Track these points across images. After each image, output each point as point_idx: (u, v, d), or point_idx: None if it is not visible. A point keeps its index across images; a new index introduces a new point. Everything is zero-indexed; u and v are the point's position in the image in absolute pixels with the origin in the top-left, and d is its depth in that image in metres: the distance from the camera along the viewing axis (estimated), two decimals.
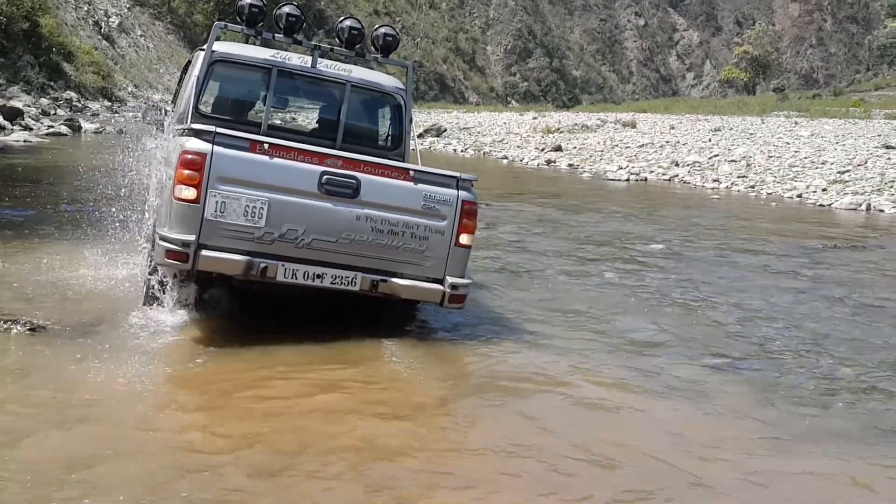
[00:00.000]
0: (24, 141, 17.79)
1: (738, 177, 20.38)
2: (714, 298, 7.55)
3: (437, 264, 5.26)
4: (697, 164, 22.59)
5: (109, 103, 34.63)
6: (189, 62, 6.75)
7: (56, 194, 10.92)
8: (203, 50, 6.05)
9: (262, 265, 4.90)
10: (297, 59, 6.15)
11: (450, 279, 5.26)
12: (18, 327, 4.75)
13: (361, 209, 5.07)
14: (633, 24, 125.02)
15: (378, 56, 6.40)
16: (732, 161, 22.54)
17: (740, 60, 77.58)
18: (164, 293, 5.32)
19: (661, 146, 26.66)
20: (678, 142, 27.35)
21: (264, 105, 6.17)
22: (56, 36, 32.27)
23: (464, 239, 5.30)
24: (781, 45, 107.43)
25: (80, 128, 21.88)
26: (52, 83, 29.79)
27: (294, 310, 5.58)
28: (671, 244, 10.57)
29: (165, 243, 4.84)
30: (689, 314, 6.96)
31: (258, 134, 5.58)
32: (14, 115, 20.45)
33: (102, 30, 44.26)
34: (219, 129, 4.93)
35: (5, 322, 4.77)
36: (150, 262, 5.40)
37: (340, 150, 5.55)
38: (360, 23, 6.24)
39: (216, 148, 4.84)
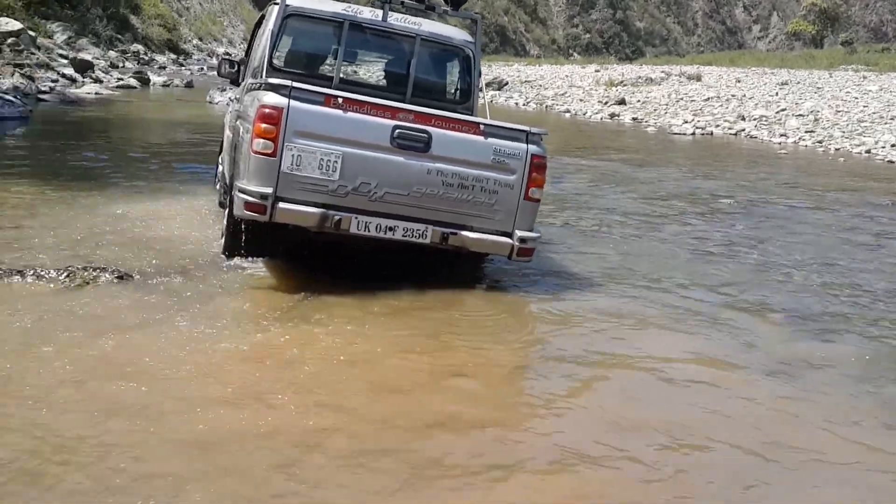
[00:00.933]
0: (96, 93, 18.17)
1: (806, 132, 19.90)
2: (794, 258, 7.40)
3: (506, 217, 5.32)
4: (764, 119, 22.10)
5: (175, 56, 35.11)
6: (262, 16, 6.84)
7: (133, 146, 11.20)
8: (277, 4, 6.11)
9: (336, 217, 5.03)
10: (368, 13, 6.18)
11: (518, 232, 5.32)
12: (107, 275, 4.93)
13: (432, 163, 5.15)
14: None
15: (448, 9, 6.44)
16: (800, 116, 21.99)
17: (808, 13, 74.82)
18: (241, 243, 5.49)
19: (726, 100, 26.09)
20: (744, 96, 26.73)
21: (335, 59, 6.26)
22: None
23: (533, 193, 5.34)
24: None
25: (148, 80, 22.28)
26: (119, 36, 30.26)
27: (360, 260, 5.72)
28: (739, 199, 10.43)
29: (244, 195, 4.98)
30: (769, 277, 6.70)
31: (329, 88, 5.64)
32: (85, 67, 20.89)
33: None
34: (295, 84, 5.01)
35: (94, 270, 4.96)
36: (227, 212, 5.57)
37: (410, 103, 5.60)
38: None
39: (292, 102, 4.94)
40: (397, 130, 5.09)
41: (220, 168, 7.19)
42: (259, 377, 3.84)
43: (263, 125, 4.92)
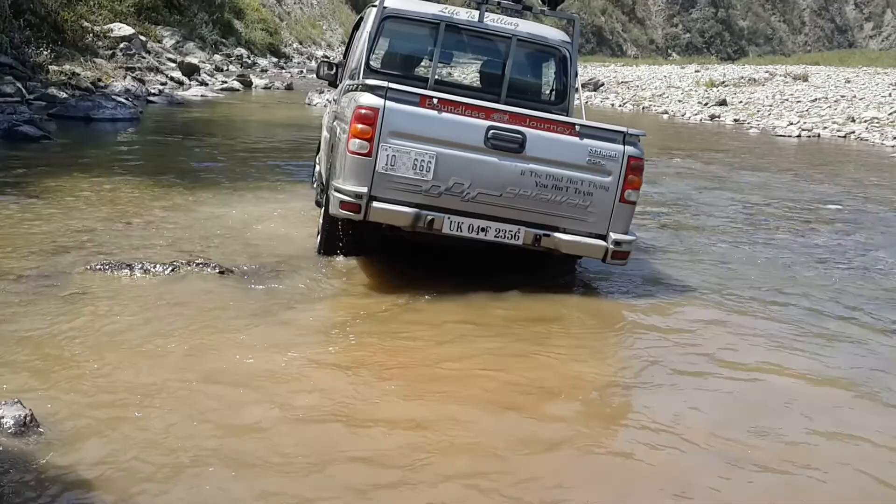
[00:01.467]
0: (201, 96, 18.82)
1: None
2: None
3: (601, 220, 5.22)
4: (876, 121, 21.16)
5: (276, 59, 36.02)
6: (361, 18, 6.96)
7: (234, 146, 11.54)
8: (375, 6, 6.20)
9: (429, 217, 5.05)
10: (464, 14, 6.23)
11: (613, 235, 5.23)
12: (209, 269, 5.11)
13: (526, 164, 5.10)
14: None
15: (545, 9, 6.46)
16: None
17: None
18: (337, 241, 5.57)
19: (835, 101, 25.12)
20: (854, 96, 25.68)
21: (431, 60, 6.31)
22: None
23: (629, 195, 5.23)
24: None
25: (250, 83, 22.94)
26: (223, 40, 31.22)
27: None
28: (848, 205, 9.99)
29: (339, 195, 5.04)
30: (884, 288, 6.32)
31: (425, 88, 5.73)
32: (191, 70, 21.67)
33: None
34: (391, 85, 5.05)
35: (199, 265, 5.14)
36: (323, 211, 5.66)
37: (505, 104, 5.58)
38: None
39: (388, 103, 4.98)
40: (491, 131, 5.06)
41: (317, 168, 7.34)
42: (351, 387, 3.78)
43: (360, 125, 4.97)
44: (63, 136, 10.81)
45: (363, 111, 4.98)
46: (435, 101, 5.07)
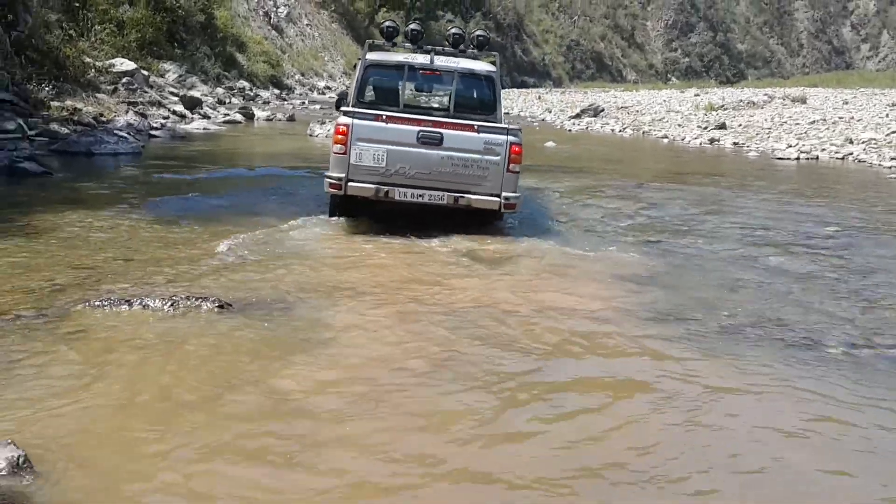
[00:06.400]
0: (203, 129, 18.96)
1: None
2: None
3: (496, 184, 7.83)
4: (874, 142, 21.15)
5: (278, 91, 36.29)
6: (356, 65, 8.97)
7: (235, 179, 11.62)
8: (360, 59, 8.58)
9: (385, 190, 7.76)
10: (421, 58, 8.51)
11: (505, 193, 7.83)
12: (208, 304, 5.13)
13: (445, 152, 7.77)
14: None
15: (475, 51, 8.94)
16: None
17: None
18: (336, 209, 8.17)
19: (833, 122, 25.15)
20: (852, 118, 25.70)
21: (401, 91, 8.61)
22: (230, 28, 34.08)
23: (513, 168, 7.83)
24: None
25: (252, 115, 23.10)
26: (226, 73, 31.50)
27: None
28: (845, 228, 10.00)
29: (329, 179, 7.82)
30: (876, 316, 6.22)
31: (398, 110, 8.18)
32: (194, 104, 21.83)
33: (272, 20, 46.33)
34: (357, 110, 7.92)
35: (197, 300, 5.16)
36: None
37: (453, 117, 8.10)
38: (461, 30, 9.15)
39: (355, 120, 7.79)
40: (420, 133, 7.77)
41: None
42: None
43: (338, 135, 7.78)
44: (64, 171, 10.92)
45: (340, 126, 7.81)
46: (384, 117, 7.82)
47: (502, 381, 4.37)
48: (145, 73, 22.36)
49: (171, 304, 5.06)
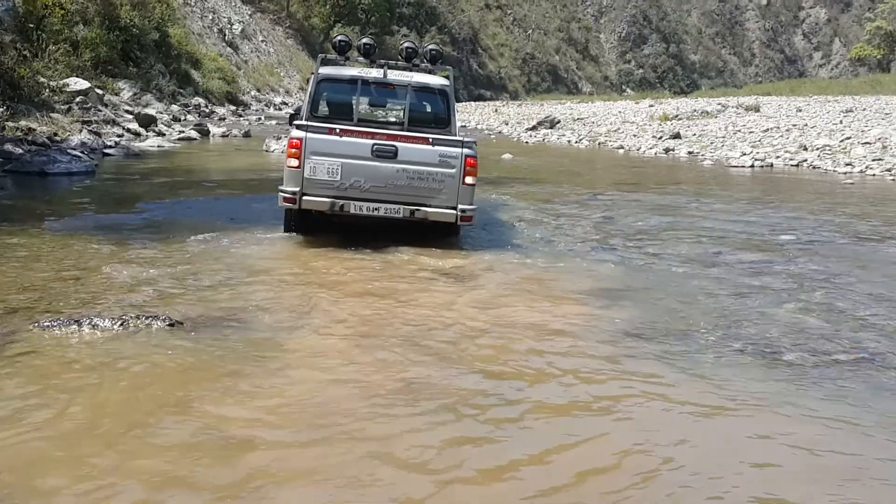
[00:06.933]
0: (158, 146, 18.75)
1: (874, 160, 19.33)
2: (856, 299, 6.87)
3: (451, 197, 7.73)
4: (828, 148, 21.58)
5: (234, 107, 36.05)
6: (308, 79, 8.82)
7: (188, 196, 11.47)
8: (313, 74, 8.50)
9: (340, 203, 7.64)
10: (374, 72, 8.44)
11: (461, 206, 7.74)
12: (158, 322, 5.03)
13: (400, 165, 7.65)
14: (755, 3, 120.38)
15: (428, 65, 8.88)
16: (866, 143, 21.41)
17: (873, 37, 73.72)
18: (291, 224, 8.09)
19: (787, 130, 25.64)
20: (806, 125, 26.26)
21: (354, 105, 8.51)
22: (184, 45, 33.86)
23: (469, 180, 7.74)
24: None
25: (208, 132, 22.90)
26: (181, 90, 31.25)
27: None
28: (801, 235, 10.11)
29: (283, 193, 7.68)
30: (833, 318, 6.28)
31: (352, 124, 8.05)
32: (148, 122, 21.59)
33: (226, 37, 46.15)
34: (310, 124, 7.75)
35: (147, 318, 5.06)
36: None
37: (407, 130, 8.00)
38: (414, 44, 9.05)
39: (308, 134, 7.64)
40: (375, 146, 7.64)
41: None
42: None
43: (292, 149, 7.65)
44: (17, 191, 10.71)
45: (294, 140, 7.67)
46: (338, 130, 7.67)
47: (461, 403, 4.21)
48: (99, 91, 22.09)
49: (121, 324, 4.95)
